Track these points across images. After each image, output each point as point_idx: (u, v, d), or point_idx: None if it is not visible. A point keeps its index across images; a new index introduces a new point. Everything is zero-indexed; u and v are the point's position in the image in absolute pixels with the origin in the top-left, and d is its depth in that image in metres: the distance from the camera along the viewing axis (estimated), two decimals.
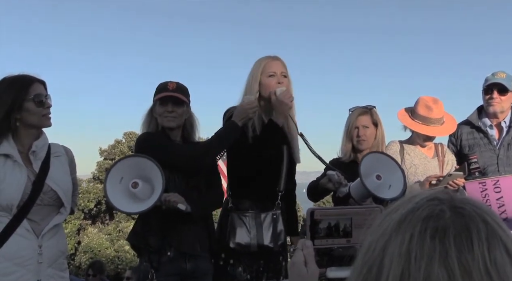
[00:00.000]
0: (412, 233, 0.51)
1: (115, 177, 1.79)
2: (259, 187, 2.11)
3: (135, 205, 1.81)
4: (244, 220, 2.06)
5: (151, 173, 1.82)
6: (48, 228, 1.83)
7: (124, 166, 1.80)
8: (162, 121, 2.07)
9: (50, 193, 1.84)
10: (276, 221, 2.10)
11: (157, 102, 2.06)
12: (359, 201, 2.12)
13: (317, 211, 1.01)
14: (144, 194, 1.82)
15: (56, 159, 1.93)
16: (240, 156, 2.08)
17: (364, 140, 2.39)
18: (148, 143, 2.01)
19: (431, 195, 0.55)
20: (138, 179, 1.81)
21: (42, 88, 1.88)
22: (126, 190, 1.81)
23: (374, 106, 2.48)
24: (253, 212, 2.08)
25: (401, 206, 0.55)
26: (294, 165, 2.28)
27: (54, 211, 1.88)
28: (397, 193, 2.00)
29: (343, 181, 2.17)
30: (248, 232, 2.05)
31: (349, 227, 1.02)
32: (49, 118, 1.88)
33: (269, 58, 2.18)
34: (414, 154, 2.59)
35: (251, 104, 2.04)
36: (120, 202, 1.78)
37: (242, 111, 2.03)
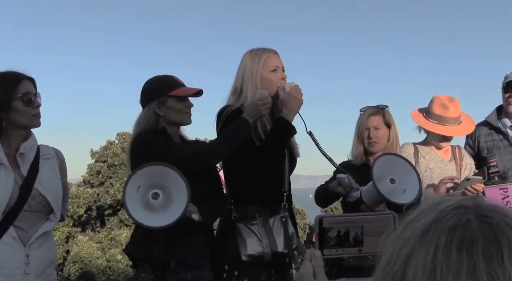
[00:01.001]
0: (437, 244, 0.51)
1: (133, 186, 1.76)
2: (263, 189, 2.09)
3: (153, 217, 1.77)
4: (253, 228, 2.03)
5: (168, 182, 1.79)
6: (36, 236, 1.82)
7: (143, 174, 1.77)
8: (181, 118, 2.02)
9: (38, 198, 1.84)
10: (286, 224, 2.09)
11: (170, 98, 1.98)
12: (371, 207, 2.12)
13: (326, 218, 1.01)
14: (159, 204, 1.80)
15: (45, 161, 1.92)
16: (244, 157, 2.04)
17: (375, 142, 2.39)
18: (152, 146, 1.94)
19: (456, 202, 0.55)
20: (157, 188, 1.79)
21: (31, 86, 1.87)
22: (141, 200, 1.78)
23: (387, 106, 2.47)
24: (261, 218, 2.06)
25: (424, 214, 0.55)
26: (294, 160, 2.27)
27: (43, 217, 1.87)
28: (412, 198, 2.01)
29: (354, 185, 2.17)
30: (259, 241, 2.02)
31: (360, 235, 1.03)
32: (38, 118, 1.88)
33: (268, 51, 2.15)
34: (429, 157, 2.58)
35: (264, 99, 2.01)
36: (141, 216, 1.74)
37: (254, 107, 2.00)
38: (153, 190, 1.79)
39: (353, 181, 2.18)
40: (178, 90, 2.00)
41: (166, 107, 1.99)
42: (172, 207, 1.80)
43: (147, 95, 2.03)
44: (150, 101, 2.01)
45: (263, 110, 2.00)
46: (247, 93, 2.10)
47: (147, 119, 2.01)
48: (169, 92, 1.98)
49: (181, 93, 2.00)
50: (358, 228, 1.02)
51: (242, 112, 2.06)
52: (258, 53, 2.14)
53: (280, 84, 2.10)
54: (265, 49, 2.16)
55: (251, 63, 2.12)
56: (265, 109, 2.01)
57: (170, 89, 1.99)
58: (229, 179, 2.20)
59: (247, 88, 2.11)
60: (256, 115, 2.00)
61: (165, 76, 2.07)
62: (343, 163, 2.50)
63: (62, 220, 2.04)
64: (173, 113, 2.00)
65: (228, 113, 2.08)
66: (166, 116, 2.00)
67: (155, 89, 2.02)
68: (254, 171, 2.08)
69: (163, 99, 1.99)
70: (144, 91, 2.06)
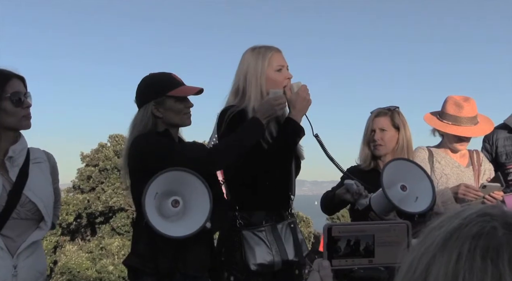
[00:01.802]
0: (460, 252, 0.51)
1: (152, 193, 1.75)
2: (270, 194, 2.08)
3: (169, 225, 1.76)
4: (261, 235, 2.02)
5: (186, 188, 1.78)
6: (25, 245, 1.81)
7: (163, 180, 1.76)
8: (181, 120, 2.01)
9: (28, 205, 1.82)
10: (295, 231, 2.09)
11: (168, 99, 1.97)
12: (381, 215, 2.12)
13: (336, 227, 1.01)
14: (176, 212, 1.79)
15: (36, 166, 1.91)
16: (250, 160, 2.01)
17: (380, 145, 2.37)
18: (155, 149, 1.91)
19: (481, 210, 0.55)
20: (174, 195, 1.78)
21: (20, 85, 1.86)
22: (156, 208, 1.77)
23: (397, 107, 2.46)
24: (269, 224, 2.05)
25: (446, 222, 0.55)
26: (299, 163, 2.27)
27: (32, 226, 1.86)
28: (425, 206, 2.00)
29: (363, 192, 2.17)
30: (269, 249, 2.01)
31: (371, 245, 1.03)
32: (28, 119, 1.86)
33: (272, 49, 2.15)
34: (445, 162, 2.57)
35: (279, 99, 2.01)
36: (160, 225, 1.73)
37: (269, 107, 1.99)
38: (173, 197, 1.78)
39: (362, 188, 2.18)
40: (178, 89, 1.98)
41: (165, 108, 1.98)
42: (189, 215, 1.79)
43: (144, 95, 2.01)
44: (147, 102, 1.99)
45: (278, 111, 2.01)
46: (251, 94, 2.09)
47: (145, 120, 1.98)
48: (168, 92, 1.96)
49: (181, 93, 1.98)
50: (369, 238, 1.02)
51: (246, 113, 2.06)
52: (262, 52, 2.13)
53: (286, 84, 2.10)
54: (268, 47, 2.15)
55: (254, 62, 2.11)
56: (280, 110, 2.01)
57: (169, 88, 1.97)
58: (232, 183, 2.17)
59: (251, 88, 2.10)
60: (270, 115, 2.00)
61: (163, 74, 2.05)
62: (351, 168, 2.49)
63: (53, 228, 2.03)
64: (172, 114, 1.99)
65: (232, 115, 2.07)
66: (164, 117, 1.99)
67: (152, 88, 2.00)
68: (261, 175, 2.07)
69: (162, 100, 1.97)
70: (140, 90, 2.04)
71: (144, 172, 1.87)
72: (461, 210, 0.56)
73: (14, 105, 1.81)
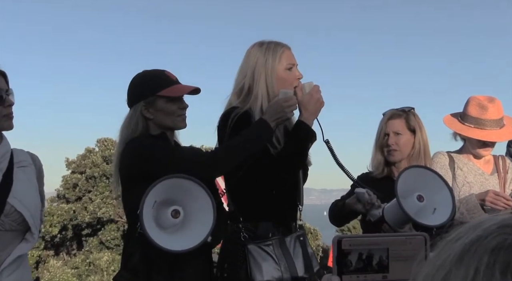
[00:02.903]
0: (477, 267, 0.51)
1: (150, 203, 1.73)
2: (279, 205, 2.08)
3: (168, 237, 1.75)
4: (268, 250, 2.01)
5: (187, 197, 1.78)
6: (10, 260, 1.79)
7: (162, 188, 1.74)
8: (173, 122, 1.99)
9: (13, 215, 1.80)
10: (304, 244, 2.09)
11: (159, 99, 1.96)
12: (395, 228, 2.12)
13: (346, 239, 1.01)
14: (175, 223, 1.79)
15: (21, 170, 1.89)
16: (257, 167, 2.00)
17: (395, 150, 2.37)
18: (151, 153, 1.90)
19: (502, 221, 0.55)
20: (173, 205, 1.77)
21: (2, 81, 1.85)
22: (154, 218, 1.76)
23: (412, 108, 2.45)
24: (277, 238, 2.04)
25: (465, 233, 0.55)
26: (306, 170, 2.27)
27: (17, 237, 1.84)
28: (444, 219, 1.99)
29: (375, 202, 2.17)
30: (277, 265, 2.00)
31: (385, 259, 1.03)
32: (10, 119, 1.85)
33: (283, 45, 2.13)
34: (467, 169, 2.56)
35: (290, 100, 1.99)
36: (159, 238, 1.72)
37: (278, 109, 1.96)
38: (172, 207, 1.77)
39: (374, 197, 2.17)
40: (170, 88, 1.97)
41: (156, 109, 1.97)
42: (189, 226, 1.79)
43: (133, 95, 2.01)
44: (136, 102, 1.98)
45: (288, 113, 1.99)
46: (258, 93, 2.08)
47: (134, 123, 1.98)
48: (159, 91, 1.95)
49: (173, 92, 1.97)
50: (383, 251, 1.02)
51: (252, 114, 2.05)
52: (272, 47, 2.11)
53: (297, 84, 2.09)
54: (278, 43, 2.14)
55: (263, 58, 2.09)
56: (291, 112, 2.00)
57: (160, 87, 1.96)
58: (236, 192, 2.15)
59: (259, 87, 2.08)
60: (279, 118, 1.98)
61: (155, 71, 2.05)
62: (362, 176, 2.50)
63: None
64: (163, 116, 1.98)
65: (237, 117, 2.05)
66: (155, 119, 1.98)
67: (142, 87, 2.00)
68: (267, 183, 2.06)
69: (152, 100, 1.96)
70: (130, 89, 2.04)
71: (139, 179, 1.87)
72: (480, 221, 0.56)
73: None
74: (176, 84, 2.01)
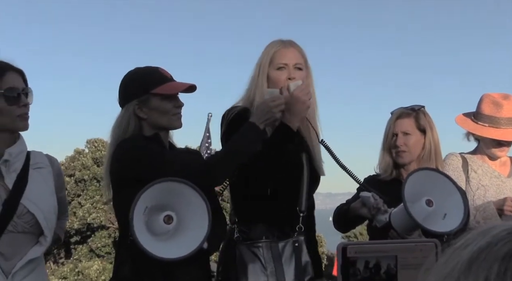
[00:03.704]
0: (487, 276, 0.51)
1: (141, 208, 1.73)
2: (274, 207, 2.10)
3: (160, 245, 1.75)
4: (257, 252, 2.04)
5: (180, 202, 1.78)
6: (22, 264, 1.80)
7: (153, 193, 1.74)
8: (168, 121, 2.00)
9: (26, 216, 1.82)
10: (299, 251, 2.09)
11: (153, 97, 1.97)
12: (403, 234, 2.12)
13: (352, 247, 1.02)
14: (168, 230, 1.79)
15: (36, 171, 1.92)
16: (250, 169, 2.04)
17: (404, 152, 2.36)
18: (144, 156, 1.91)
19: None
20: (166, 210, 1.77)
21: (18, 79, 1.87)
22: (145, 225, 1.76)
23: (423, 106, 2.45)
24: (268, 241, 2.06)
25: (473, 240, 0.55)
26: (317, 179, 2.29)
27: (31, 241, 1.86)
28: (455, 225, 1.99)
29: (382, 207, 2.17)
30: (263, 268, 2.03)
31: (393, 268, 1.03)
32: (25, 120, 1.87)
33: (281, 44, 2.20)
34: (482, 172, 2.56)
35: (277, 100, 2.02)
36: (150, 245, 1.71)
37: (266, 110, 2.00)
38: (165, 213, 1.77)
39: (380, 202, 2.17)
40: (164, 86, 1.97)
41: (149, 108, 1.98)
42: (184, 233, 1.79)
43: (125, 93, 2.03)
44: (129, 101, 1.99)
45: (276, 113, 2.01)
46: (251, 93, 2.16)
47: (126, 123, 1.98)
48: (152, 89, 1.96)
49: (167, 90, 1.98)
50: (391, 259, 1.02)
51: (249, 112, 2.09)
52: (270, 46, 2.19)
53: (285, 84, 2.12)
54: (277, 42, 2.20)
55: (261, 58, 2.18)
56: (278, 112, 2.01)
57: (154, 85, 1.97)
58: (231, 193, 2.23)
59: (254, 87, 2.16)
60: (268, 119, 2.00)
61: (148, 68, 2.06)
62: (369, 178, 2.50)
63: (58, 242, 2.05)
64: (158, 115, 1.99)
65: (232, 116, 2.10)
66: (149, 118, 1.99)
67: (134, 85, 2.01)
68: (261, 184, 2.10)
69: (145, 98, 1.97)
70: (122, 87, 2.05)
71: (130, 182, 1.87)
72: (489, 227, 0.56)
73: (9, 103, 1.82)
74: (171, 81, 2.02)
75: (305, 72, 2.18)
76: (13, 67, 1.87)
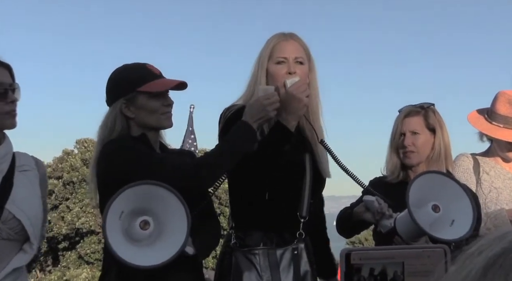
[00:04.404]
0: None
1: (116, 212, 1.73)
2: (272, 212, 2.10)
3: (138, 252, 1.75)
4: (253, 259, 2.04)
5: (158, 206, 1.78)
6: (6, 273, 1.80)
7: (128, 196, 1.74)
8: (157, 121, 2.00)
9: (11, 222, 1.82)
10: (298, 259, 2.09)
11: (140, 95, 1.97)
12: (408, 241, 2.11)
13: (355, 253, 1.01)
14: (147, 236, 1.78)
15: (22, 174, 1.92)
16: (245, 170, 2.04)
17: (411, 152, 2.36)
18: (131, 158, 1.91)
19: None
20: (144, 215, 1.77)
21: (6, 74, 1.87)
22: (122, 230, 1.76)
23: (432, 104, 2.44)
24: (266, 248, 2.06)
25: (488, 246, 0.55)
26: (321, 181, 2.28)
27: (15, 248, 1.85)
28: (463, 232, 1.98)
29: (386, 211, 2.17)
30: (259, 277, 2.03)
31: (400, 275, 1.03)
32: (13, 117, 1.87)
33: (281, 36, 2.18)
34: (495, 173, 2.56)
35: (271, 97, 2.00)
36: (126, 252, 1.71)
37: (259, 108, 1.98)
38: (141, 218, 1.77)
39: (385, 206, 2.16)
40: (152, 83, 1.97)
41: (137, 107, 1.98)
42: (162, 238, 1.78)
43: (112, 92, 2.03)
44: (115, 99, 1.99)
45: (270, 111, 1.99)
46: (251, 90, 2.15)
47: (113, 122, 1.98)
48: (140, 86, 1.96)
49: (154, 87, 1.97)
50: (397, 266, 1.02)
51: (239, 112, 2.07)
52: (270, 39, 2.18)
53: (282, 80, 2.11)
54: (278, 35, 2.19)
55: (261, 51, 2.17)
56: (273, 110, 2.00)
57: (141, 82, 1.97)
58: (230, 195, 2.22)
59: (253, 84, 2.15)
60: (261, 118, 1.99)
61: (135, 64, 2.06)
62: (375, 180, 2.49)
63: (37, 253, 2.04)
64: (145, 114, 1.99)
65: (230, 114, 2.10)
66: (137, 118, 1.99)
67: (120, 83, 2.01)
68: (258, 187, 2.09)
69: (132, 97, 1.97)
70: (108, 85, 2.05)
71: (116, 185, 1.85)
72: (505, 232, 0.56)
73: None
74: (160, 78, 2.02)
75: (307, 67, 2.17)
76: (0, 62, 1.87)
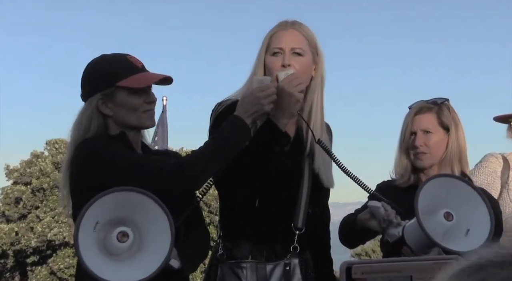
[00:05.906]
0: None
1: (90, 223, 1.73)
2: (263, 221, 2.10)
3: (117, 266, 1.75)
4: (240, 273, 2.05)
5: (139, 215, 1.78)
6: None
7: (103, 205, 1.74)
8: (137, 119, 1.99)
9: None
10: (290, 276, 2.09)
11: (119, 91, 1.96)
12: (418, 252, 2.11)
13: (357, 266, 1.01)
14: (126, 249, 1.78)
15: None
16: (234, 173, 2.05)
17: (423, 153, 2.35)
18: (109, 159, 1.91)
19: None
20: (122, 225, 1.77)
21: None
22: (98, 243, 1.76)
23: (446, 99, 2.44)
24: (254, 261, 2.07)
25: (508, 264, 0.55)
26: (322, 190, 2.28)
27: None
28: (480, 243, 1.99)
29: (394, 219, 2.17)
30: None
31: None
32: None
33: (281, 25, 2.20)
34: None
35: (266, 89, 2.01)
36: (100, 267, 1.71)
37: (253, 101, 1.99)
38: (119, 228, 1.76)
39: (392, 213, 2.16)
40: (133, 77, 1.96)
41: (115, 104, 1.97)
42: (143, 251, 1.78)
43: (88, 85, 2.02)
44: (91, 94, 1.98)
45: (265, 105, 1.99)
46: (247, 82, 2.20)
47: (88, 120, 1.97)
48: (119, 80, 1.95)
49: (136, 82, 1.97)
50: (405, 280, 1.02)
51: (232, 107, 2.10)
52: (270, 30, 2.21)
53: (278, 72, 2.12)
54: (279, 24, 2.21)
55: (261, 43, 2.20)
56: (268, 104, 2.00)
57: (121, 76, 1.96)
58: (219, 200, 2.26)
59: (251, 77, 2.17)
60: (256, 111, 1.99)
61: (115, 55, 2.06)
62: (383, 184, 2.49)
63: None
64: (125, 112, 1.98)
65: (221, 109, 2.13)
66: (115, 116, 1.98)
67: (97, 76, 2.00)
68: (247, 194, 2.10)
69: (110, 92, 1.96)
70: (84, 78, 2.05)
71: (91, 190, 1.84)
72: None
73: None
74: (142, 72, 2.01)
75: (307, 59, 2.17)
76: None
